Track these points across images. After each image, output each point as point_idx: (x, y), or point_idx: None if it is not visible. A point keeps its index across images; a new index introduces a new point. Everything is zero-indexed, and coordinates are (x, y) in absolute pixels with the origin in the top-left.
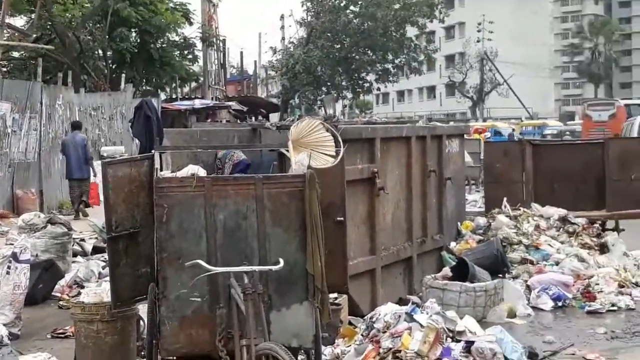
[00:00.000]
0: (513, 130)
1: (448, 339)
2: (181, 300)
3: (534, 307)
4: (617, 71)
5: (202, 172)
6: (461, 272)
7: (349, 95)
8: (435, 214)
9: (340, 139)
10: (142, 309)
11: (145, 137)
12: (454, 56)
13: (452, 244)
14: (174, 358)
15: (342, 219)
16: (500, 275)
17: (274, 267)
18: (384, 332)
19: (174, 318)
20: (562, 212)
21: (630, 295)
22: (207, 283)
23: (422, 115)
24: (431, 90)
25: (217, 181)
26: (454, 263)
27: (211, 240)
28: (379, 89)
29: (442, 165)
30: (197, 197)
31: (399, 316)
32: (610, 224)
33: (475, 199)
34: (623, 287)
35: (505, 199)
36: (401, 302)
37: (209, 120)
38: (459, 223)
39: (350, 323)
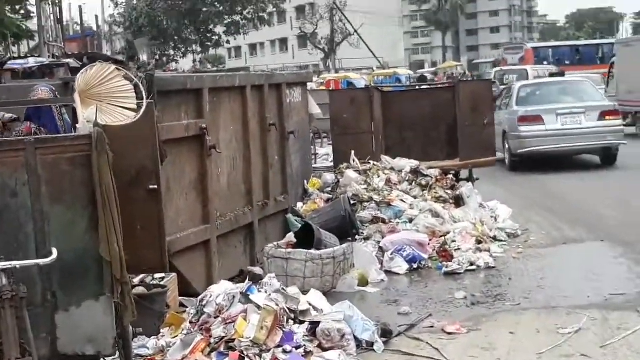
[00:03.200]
0: (365, 81)
1: (290, 321)
2: None
3: (387, 272)
4: (463, 18)
5: None
6: (307, 237)
7: (198, 49)
8: (279, 173)
9: (143, 87)
10: None
11: None
12: (304, 7)
13: (299, 205)
14: None
15: (155, 186)
16: (350, 239)
17: (42, 261)
18: (216, 317)
19: None
20: (413, 163)
21: (489, 251)
22: None
23: (275, 68)
24: (283, 42)
25: None
26: (300, 226)
27: None
28: (228, 41)
29: (284, 118)
30: None
31: (233, 297)
32: (464, 173)
33: (327, 152)
34: (481, 242)
35: (353, 152)
36: (242, 274)
37: (46, 78)
38: (305, 181)
39: (182, 305)
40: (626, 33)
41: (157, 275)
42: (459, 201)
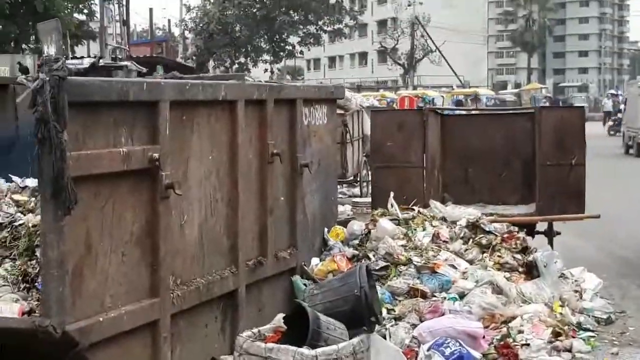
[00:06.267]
0: (444, 99)
1: None
2: None
3: None
4: (550, 40)
5: None
6: (303, 323)
7: (270, 58)
8: (284, 220)
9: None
10: None
11: None
12: (386, 21)
13: (314, 262)
14: None
15: None
16: (366, 328)
17: None
18: None
19: None
20: (472, 214)
21: (570, 350)
22: None
23: (354, 82)
24: (363, 56)
25: None
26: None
27: None
28: (302, 52)
29: (297, 145)
30: None
31: None
32: (541, 224)
33: None
34: (560, 335)
35: (392, 194)
36: None
37: None
38: (326, 229)
39: None
40: None
41: None
42: (531, 270)
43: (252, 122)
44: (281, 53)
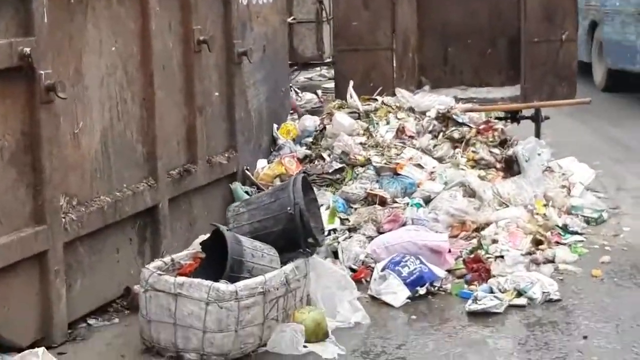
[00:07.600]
0: None
1: None
2: None
3: (375, 298)
4: None
5: None
6: (225, 250)
7: None
8: (221, 118)
9: None
10: None
11: None
12: None
13: (260, 165)
14: None
15: None
16: (302, 251)
17: None
18: None
19: None
20: (442, 103)
21: (553, 261)
22: None
23: None
24: None
25: None
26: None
27: None
28: None
29: (232, 30)
30: None
31: None
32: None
33: None
34: (541, 243)
35: (351, 83)
36: (128, 295)
37: None
38: (275, 126)
39: None
40: None
41: None
42: (511, 166)
43: (170, 4)
44: None
